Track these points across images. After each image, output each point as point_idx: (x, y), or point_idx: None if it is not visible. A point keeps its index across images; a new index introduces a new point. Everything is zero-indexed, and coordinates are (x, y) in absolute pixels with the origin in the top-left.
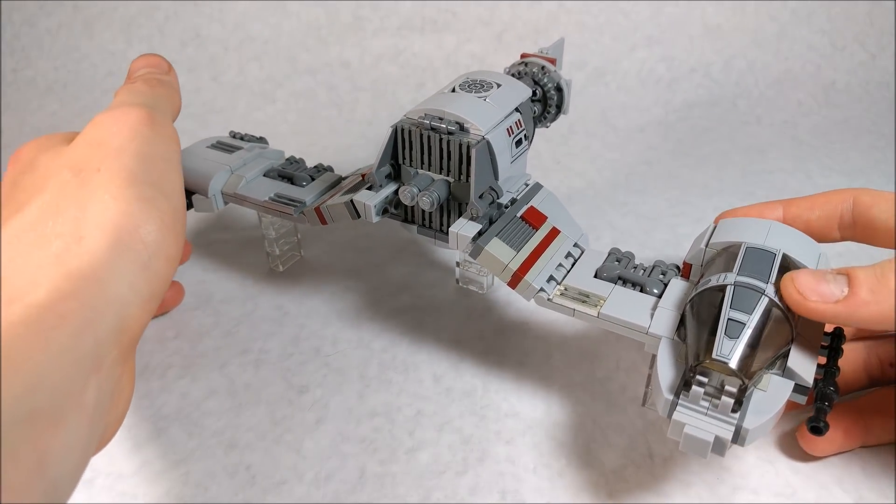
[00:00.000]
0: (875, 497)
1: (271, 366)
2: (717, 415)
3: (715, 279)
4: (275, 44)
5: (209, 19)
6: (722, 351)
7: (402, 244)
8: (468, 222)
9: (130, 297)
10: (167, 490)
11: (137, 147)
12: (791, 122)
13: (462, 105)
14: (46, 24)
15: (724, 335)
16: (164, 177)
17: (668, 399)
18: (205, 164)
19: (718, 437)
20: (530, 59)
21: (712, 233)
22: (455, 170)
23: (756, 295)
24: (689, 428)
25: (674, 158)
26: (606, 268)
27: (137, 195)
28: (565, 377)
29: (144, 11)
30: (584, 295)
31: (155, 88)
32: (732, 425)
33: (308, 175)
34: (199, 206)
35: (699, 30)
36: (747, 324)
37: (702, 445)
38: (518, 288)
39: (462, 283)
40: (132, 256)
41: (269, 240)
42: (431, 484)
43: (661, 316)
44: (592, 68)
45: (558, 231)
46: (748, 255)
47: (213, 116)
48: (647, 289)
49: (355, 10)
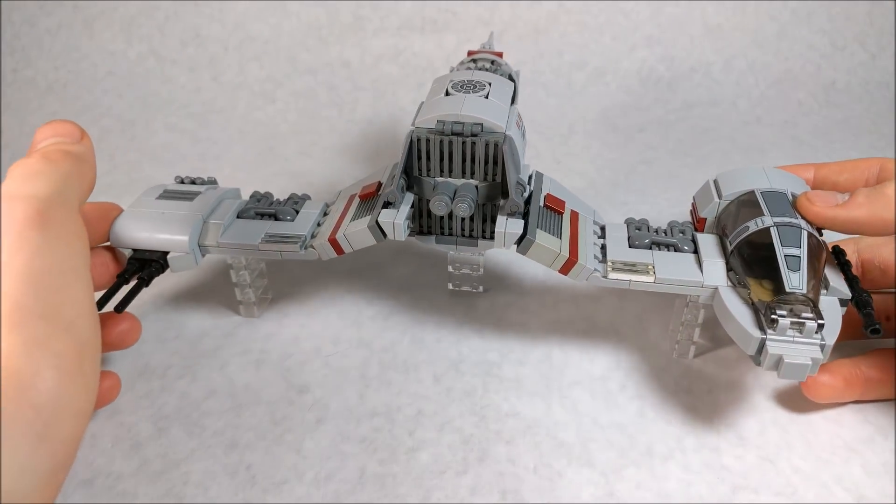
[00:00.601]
0: (875, 496)
1: (271, 366)
2: (804, 339)
3: (753, 224)
4: (275, 44)
5: (209, 19)
6: (793, 283)
7: (402, 244)
8: (509, 219)
9: (23, 486)
10: (167, 490)
11: (23, 264)
12: (791, 122)
13: (474, 106)
14: (46, 24)
15: (788, 270)
16: (61, 298)
17: (758, 337)
18: (168, 219)
19: (814, 358)
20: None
21: (716, 187)
22: (480, 171)
23: (796, 230)
24: (788, 357)
25: (674, 158)
26: (637, 237)
27: (23, 340)
28: (565, 376)
29: (144, 11)
30: (630, 265)
31: (58, 164)
32: (818, 345)
33: (291, 209)
34: (176, 265)
35: (699, 30)
36: (800, 256)
37: (802, 369)
38: (571, 272)
39: (455, 287)
40: (21, 430)
41: (241, 287)
42: (431, 484)
43: (710, 268)
44: (592, 68)
45: (578, 212)
46: (767, 198)
47: (213, 116)
48: (680, 248)
49: (355, 10)
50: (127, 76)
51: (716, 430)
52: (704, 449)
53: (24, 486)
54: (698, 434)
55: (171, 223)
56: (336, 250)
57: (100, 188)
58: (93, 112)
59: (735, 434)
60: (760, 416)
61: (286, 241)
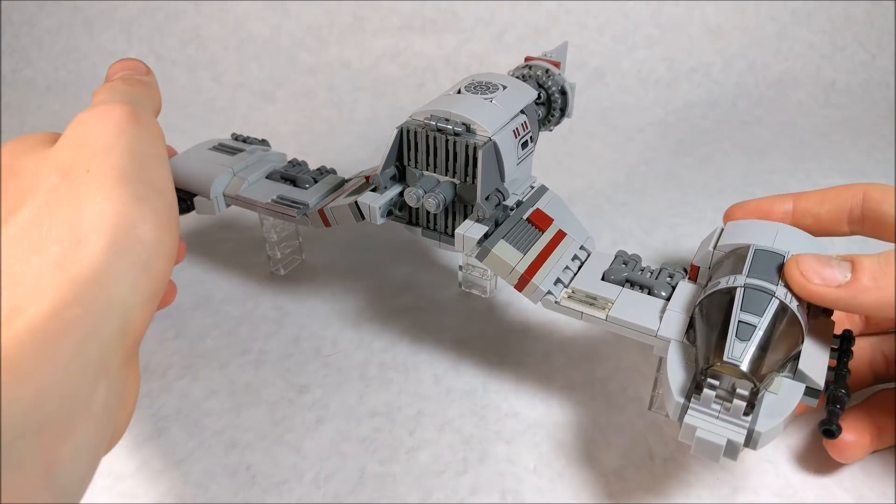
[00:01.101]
0: (875, 497)
1: (271, 366)
2: (729, 418)
3: (724, 281)
4: (275, 44)
5: (209, 19)
6: (733, 353)
7: (403, 244)
8: (474, 224)
9: (132, 299)
10: (167, 490)
11: (125, 145)
12: (791, 122)
13: (468, 106)
14: (46, 24)
15: (735, 337)
16: (155, 174)
17: (679, 402)
18: (206, 166)
19: (731, 440)
20: (534, 62)
21: (720, 235)
22: (461, 171)
23: (766, 297)
24: (700, 431)
25: (674, 158)
26: (613, 270)
27: (131, 194)
28: (565, 377)
29: (144, 11)
30: (591, 297)
31: (134, 87)
32: (744, 428)
33: (311, 177)
34: (201, 208)
35: (699, 30)
36: (758, 326)
37: (714, 449)
38: (525, 291)
39: (465, 287)
40: (131, 258)
41: (270, 243)
42: (431, 484)
43: (669, 318)
44: (592, 68)
45: (564, 233)
46: (757, 256)
47: (214, 116)
48: (654, 291)
49: (355, 10)
50: None
51: None
52: None
53: (135, 298)
54: None
55: (205, 170)
56: (323, 222)
57: None
58: None
59: None
60: None
61: (290, 205)
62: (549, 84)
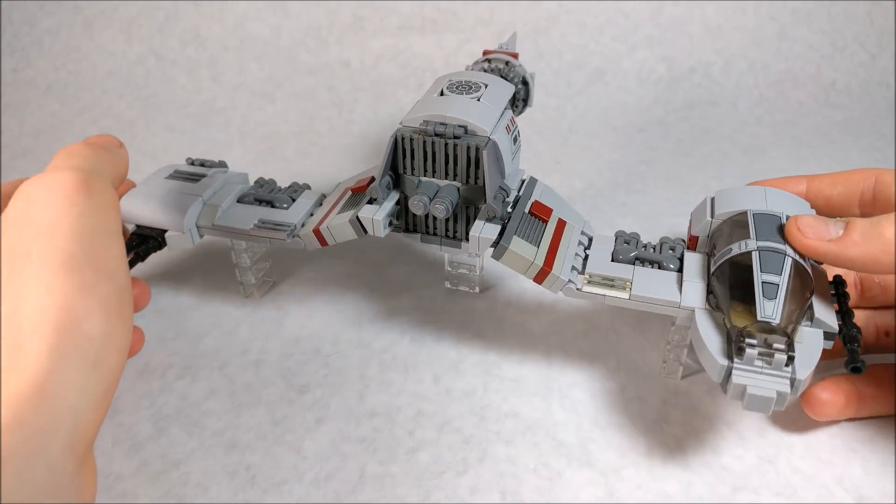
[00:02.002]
0: (875, 497)
1: (271, 366)
2: (772, 371)
3: (737, 247)
4: (275, 44)
5: (209, 19)
6: (766, 312)
7: (402, 245)
8: (486, 224)
9: (82, 403)
10: (167, 490)
11: (72, 222)
12: (791, 123)
13: (461, 108)
14: (46, 24)
15: (763, 297)
16: (105, 253)
17: (724, 365)
18: (171, 197)
19: (779, 391)
20: (493, 55)
21: (713, 205)
22: (462, 174)
23: (780, 256)
24: (751, 388)
25: (674, 158)
26: (621, 250)
27: (76, 284)
28: (565, 377)
29: (144, 11)
30: (608, 280)
31: (96, 150)
32: (787, 378)
33: (288, 196)
34: (174, 243)
35: (699, 30)
36: (780, 284)
37: (766, 402)
38: (545, 283)
39: (451, 286)
40: (79, 357)
41: (241, 269)
42: (431, 484)
43: (689, 289)
44: (592, 68)
45: (565, 222)
46: (758, 220)
47: (213, 116)
48: (664, 265)
49: (355, 10)
50: (127, 76)
51: (715, 430)
52: (704, 449)
53: (85, 403)
54: (698, 434)
55: (172, 202)
56: (320, 241)
57: None
58: (93, 112)
59: (735, 434)
60: (760, 417)
61: (276, 228)
62: (512, 76)
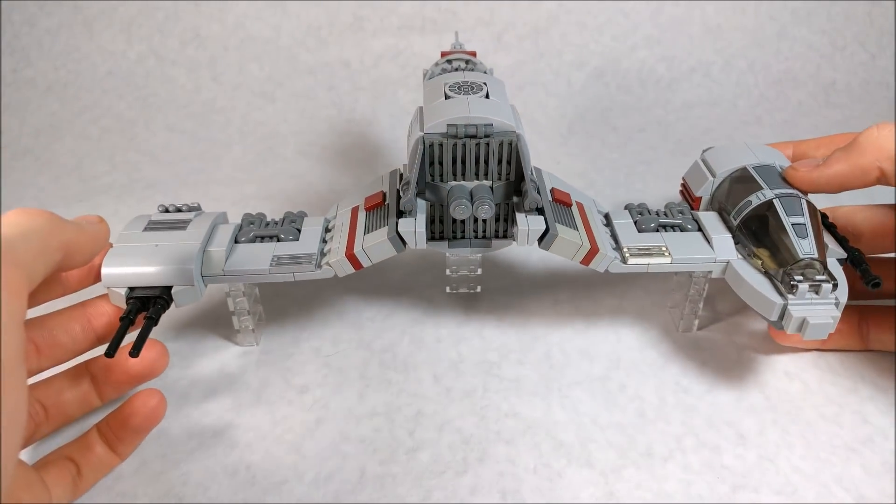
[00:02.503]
0: (875, 496)
1: (271, 366)
2: (821, 300)
3: (755, 198)
4: (275, 44)
5: (209, 19)
6: (805, 249)
7: None
8: (529, 217)
9: None
10: (167, 490)
11: None
12: (791, 122)
13: (481, 107)
14: (46, 24)
15: (797, 237)
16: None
17: (780, 303)
18: (166, 250)
19: (833, 316)
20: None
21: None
22: (494, 171)
23: (797, 199)
24: (812, 318)
25: (674, 159)
26: (643, 221)
27: None
28: (565, 376)
29: (144, 11)
30: (645, 249)
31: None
32: (833, 304)
33: (292, 228)
34: (181, 299)
35: (699, 30)
36: (805, 223)
37: (825, 328)
38: (594, 262)
39: (451, 290)
40: None
41: (239, 315)
42: (431, 484)
43: (720, 243)
44: (592, 68)
45: (582, 203)
46: (760, 172)
47: (214, 116)
48: (685, 227)
49: (355, 10)
50: (127, 76)
51: (715, 429)
52: (704, 448)
53: None
54: (698, 434)
55: (169, 255)
56: (354, 265)
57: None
58: (93, 112)
59: (735, 433)
60: (760, 416)
61: (297, 261)
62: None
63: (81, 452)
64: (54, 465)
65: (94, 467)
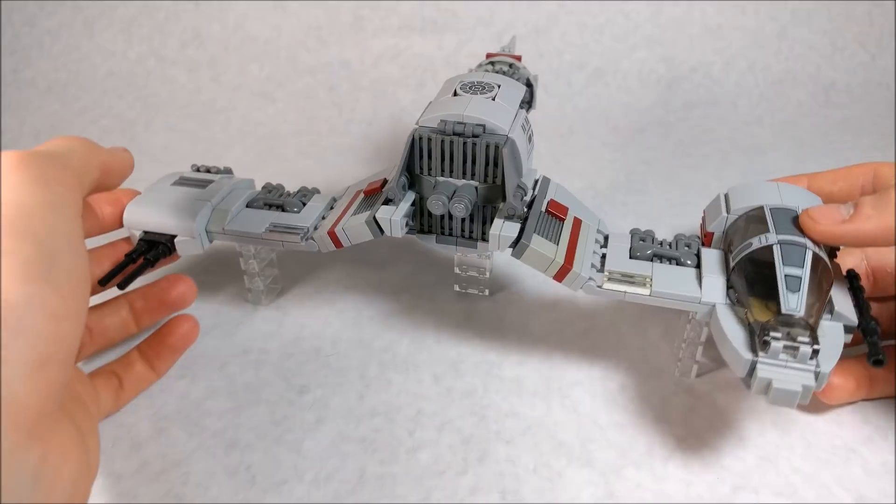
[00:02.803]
0: (875, 496)
1: (271, 366)
2: (797, 365)
3: (757, 241)
4: (275, 44)
5: (209, 19)
6: (790, 305)
7: (402, 244)
8: (506, 223)
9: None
10: (167, 490)
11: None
12: (791, 123)
13: (478, 107)
14: (46, 24)
15: (787, 290)
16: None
17: (749, 359)
18: (180, 203)
19: (805, 385)
20: (497, 58)
21: (727, 201)
22: (481, 173)
23: (801, 249)
24: (777, 382)
25: (674, 158)
26: (638, 247)
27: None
28: (565, 377)
29: (144, 11)
30: (628, 276)
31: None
32: (811, 372)
33: (299, 201)
34: (184, 248)
35: (699, 30)
36: (802, 277)
37: (791, 396)
38: (566, 280)
39: (461, 289)
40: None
41: (249, 274)
42: (431, 484)
43: (709, 284)
44: (592, 68)
45: (581, 220)
46: (775, 214)
47: (214, 116)
48: (682, 261)
49: (355, 10)
50: (127, 76)
51: (716, 430)
52: (704, 449)
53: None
54: (698, 434)
55: (181, 208)
56: (335, 243)
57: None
58: (93, 112)
59: (735, 434)
60: (760, 417)
61: (289, 231)
62: (517, 78)
63: (124, 368)
64: (101, 376)
65: (135, 382)
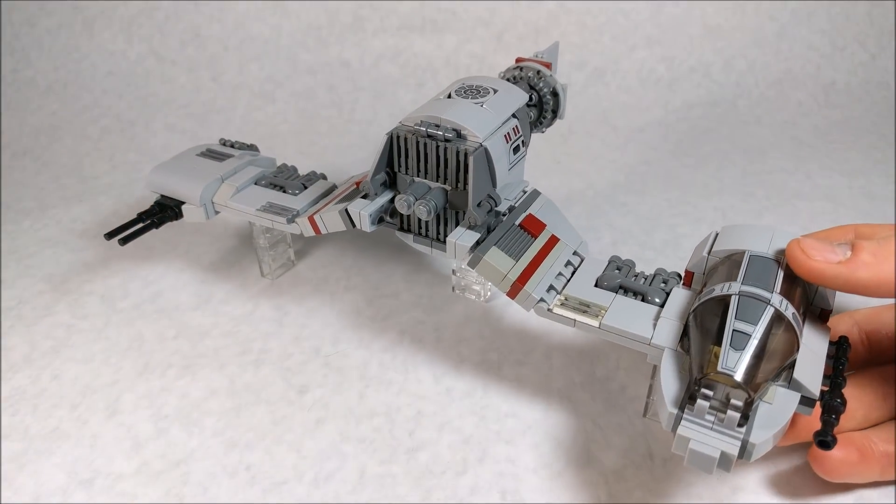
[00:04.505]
0: (875, 497)
1: (271, 366)
2: (723, 429)
3: (718, 289)
4: (275, 44)
5: (209, 19)
6: (727, 363)
7: (402, 244)
8: (466, 231)
9: None
10: (167, 490)
11: None
12: (791, 122)
13: (459, 111)
14: (46, 24)
15: (730, 347)
16: None
17: (672, 413)
18: (194, 173)
19: (724, 452)
20: (525, 63)
21: (714, 240)
22: (452, 178)
23: (761, 305)
24: (694, 443)
25: (674, 158)
26: (607, 276)
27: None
28: (565, 377)
29: (144, 11)
30: (584, 305)
31: None
32: (738, 440)
33: (300, 184)
34: (190, 215)
35: (699, 30)
36: (752, 335)
37: (708, 461)
38: (517, 298)
39: (458, 291)
40: None
41: (260, 249)
42: (431, 484)
43: (663, 326)
44: (592, 68)
45: (557, 239)
46: (752, 263)
47: (213, 116)
48: (648, 298)
49: (355, 10)
50: (127, 76)
51: None
52: None
53: None
54: None
55: (194, 178)
56: (314, 229)
57: (100, 188)
58: (93, 112)
59: None
60: None
61: (278, 212)
62: (541, 85)
63: None
64: None
65: None
